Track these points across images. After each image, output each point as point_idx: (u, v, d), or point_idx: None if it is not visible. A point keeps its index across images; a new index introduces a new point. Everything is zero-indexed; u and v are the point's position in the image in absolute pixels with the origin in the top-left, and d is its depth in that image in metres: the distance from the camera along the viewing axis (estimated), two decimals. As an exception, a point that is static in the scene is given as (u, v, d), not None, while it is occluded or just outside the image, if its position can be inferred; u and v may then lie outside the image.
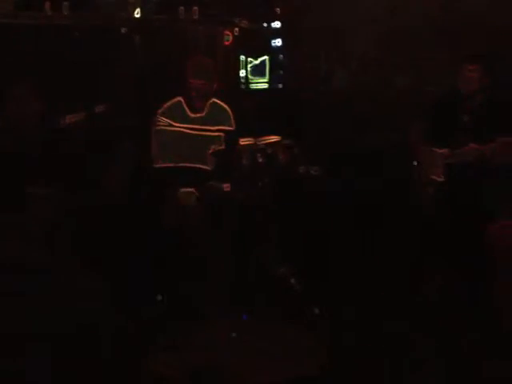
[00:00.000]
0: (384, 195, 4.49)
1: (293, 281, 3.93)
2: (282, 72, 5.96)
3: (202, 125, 3.96)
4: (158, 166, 3.92)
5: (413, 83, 4.95)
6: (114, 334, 2.02)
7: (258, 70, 5.93)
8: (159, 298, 3.71)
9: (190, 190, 3.83)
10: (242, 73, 5.76)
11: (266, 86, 5.98)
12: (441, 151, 3.98)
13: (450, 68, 4.15)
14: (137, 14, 5.03)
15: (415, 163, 4.13)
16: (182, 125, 3.93)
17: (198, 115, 3.99)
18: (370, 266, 4.11)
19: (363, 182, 4.72)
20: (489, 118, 3.82)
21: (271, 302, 3.74)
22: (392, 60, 5.19)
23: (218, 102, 4.06)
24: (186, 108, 3.99)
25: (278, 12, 5.48)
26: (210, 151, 3.95)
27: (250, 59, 5.84)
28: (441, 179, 4.00)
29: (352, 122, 5.12)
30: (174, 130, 3.92)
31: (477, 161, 3.80)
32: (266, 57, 5.92)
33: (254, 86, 5.95)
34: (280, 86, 5.93)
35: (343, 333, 3.49)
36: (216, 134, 3.95)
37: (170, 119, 3.93)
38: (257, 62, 5.87)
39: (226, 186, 3.87)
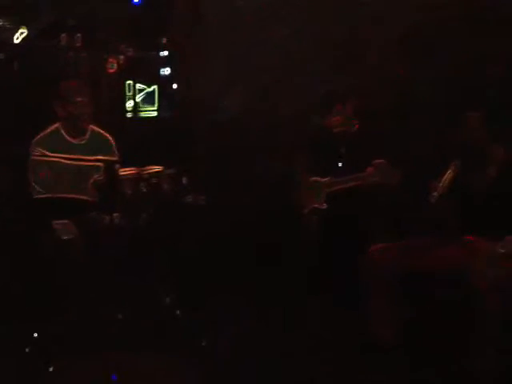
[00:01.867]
0: (269, 223, 4.54)
1: (178, 312, 3.87)
2: (171, 101, 5.97)
3: (82, 153, 3.87)
4: (35, 196, 3.78)
5: (298, 112, 5.05)
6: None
7: (148, 99, 5.91)
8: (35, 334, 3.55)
9: (69, 221, 3.70)
10: (130, 101, 5.71)
11: (155, 114, 5.97)
12: (322, 180, 4.10)
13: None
14: (16, 39, 4.87)
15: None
16: (60, 154, 3.82)
17: (79, 142, 3.89)
18: (255, 294, 4.14)
19: (249, 210, 4.76)
20: (363, 147, 3.98)
21: (156, 335, 3.66)
22: (279, 89, 5.27)
23: (99, 130, 3.98)
24: (65, 134, 3.88)
25: (165, 41, 5.49)
26: (91, 181, 3.87)
27: (140, 87, 5.80)
28: (323, 207, 4.11)
29: (240, 151, 5.16)
30: (52, 161, 3.80)
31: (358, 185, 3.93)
32: (155, 85, 5.91)
33: (143, 115, 5.92)
34: (169, 114, 5.93)
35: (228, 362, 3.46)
36: (96, 163, 3.87)
37: (46, 148, 3.80)
38: (149, 89, 5.85)
39: (115, 217, 3.78)
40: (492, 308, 3.12)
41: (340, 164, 4.08)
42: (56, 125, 3.90)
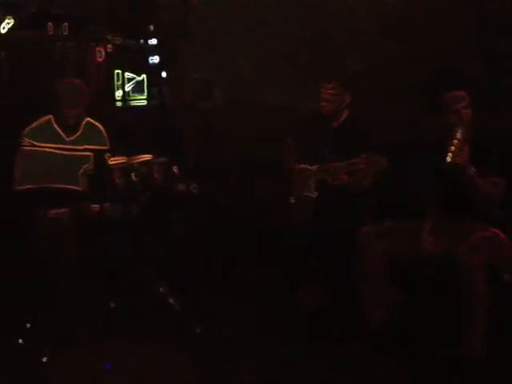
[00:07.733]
0: (261, 211, 4.55)
1: (172, 300, 3.87)
2: (161, 89, 5.96)
3: (73, 144, 3.86)
4: (25, 187, 3.76)
5: (286, 101, 5.05)
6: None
7: (137, 87, 5.89)
8: (28, 325, 3.54)
9: (60, 211, 3.69)
10: (119, 90, 5.69)
11: (144, 102, 5.96)
12: (311, 168, 4.09)
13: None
14: (3, 29, 4.84)
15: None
16: (51, 145, 3.81)
17: (70, 136, 3.88)
18: (248, 282, 4.15)
19: (241, 198, 4.77)
20: (352, 135, 3.95)
21: (150, 323, 3.66)
22: (267, 78, 5.28)
23: (92, 121, 3.97)
24: (57, 128, 3.87)
25: (152, 29, 5.47)
26: (81, 171, 3.86)
27: (130, 75, 5.79)
28: (314, 195, 4.10)
29: (230, 139, 5.16)
30: (40, 151, 3.79)
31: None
32: (144, 74, 5.90)
33: (133, 103, 5.91)
34: (158, 102, 5.92)
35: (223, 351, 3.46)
36: (85, 153, 3.86)
37: (36, 139, 3.79)
38: (139, 78, 5.84)
39: (106, 206, 3.77)
40: (481, 288, 3.15)
41: (328, 151, 4.05)
42: (48, 116, 3.88)
